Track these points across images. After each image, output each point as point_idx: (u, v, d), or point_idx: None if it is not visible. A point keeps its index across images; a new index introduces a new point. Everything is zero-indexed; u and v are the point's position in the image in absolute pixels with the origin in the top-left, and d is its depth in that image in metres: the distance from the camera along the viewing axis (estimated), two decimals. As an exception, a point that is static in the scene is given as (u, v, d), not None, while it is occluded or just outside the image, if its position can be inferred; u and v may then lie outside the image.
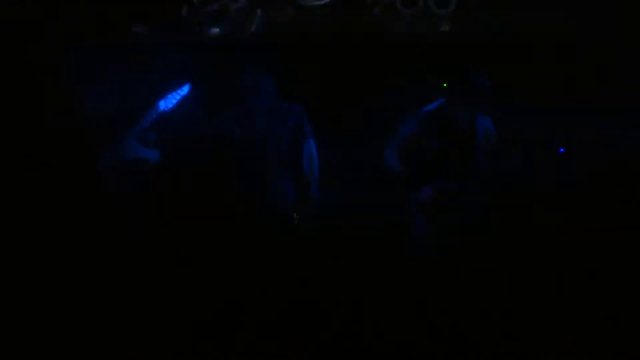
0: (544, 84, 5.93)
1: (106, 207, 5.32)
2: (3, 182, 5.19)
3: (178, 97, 5.76)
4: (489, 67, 5.38)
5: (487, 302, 5.20)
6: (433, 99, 5.49)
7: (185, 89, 5.76)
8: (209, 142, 5.64)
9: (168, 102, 5.76)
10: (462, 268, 5.39)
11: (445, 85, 5.49)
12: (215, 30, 6.24)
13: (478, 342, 4.82)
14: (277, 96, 5.59)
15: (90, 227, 5.21)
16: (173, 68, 6.00)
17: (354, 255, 5.66)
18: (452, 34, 6.19)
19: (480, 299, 5.22)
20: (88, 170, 5.30)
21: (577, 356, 4.67)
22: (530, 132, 5.85)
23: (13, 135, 5.32)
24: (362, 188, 5.92)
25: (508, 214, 5.69)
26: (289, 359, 4.74)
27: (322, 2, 6.17)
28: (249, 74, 5.60)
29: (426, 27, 6.23)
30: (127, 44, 6.03)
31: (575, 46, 5.93)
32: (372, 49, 6.04)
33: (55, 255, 5.14)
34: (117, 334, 4.80)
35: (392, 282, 5.40)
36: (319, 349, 4.80)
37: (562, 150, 5.77)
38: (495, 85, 5.27)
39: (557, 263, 5.45)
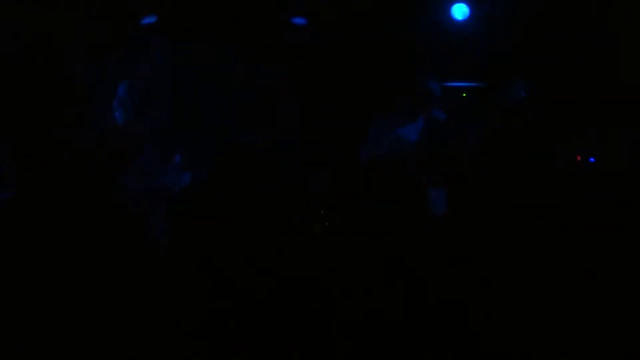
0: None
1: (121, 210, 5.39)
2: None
3: None
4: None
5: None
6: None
7: None
8: (227, 149, 5.74)
9: None
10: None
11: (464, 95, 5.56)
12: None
13: (480, 342, 4.86)
14: (279, 99, 5.70)
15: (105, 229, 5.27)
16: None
17: (362, 256, 5.67)
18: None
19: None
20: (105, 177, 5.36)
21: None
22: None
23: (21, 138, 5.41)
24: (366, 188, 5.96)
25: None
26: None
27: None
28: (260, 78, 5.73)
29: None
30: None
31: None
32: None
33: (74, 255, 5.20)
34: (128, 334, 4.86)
35: (395, 279, 5.44)
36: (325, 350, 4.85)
37: (592, 160, 5.73)
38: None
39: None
